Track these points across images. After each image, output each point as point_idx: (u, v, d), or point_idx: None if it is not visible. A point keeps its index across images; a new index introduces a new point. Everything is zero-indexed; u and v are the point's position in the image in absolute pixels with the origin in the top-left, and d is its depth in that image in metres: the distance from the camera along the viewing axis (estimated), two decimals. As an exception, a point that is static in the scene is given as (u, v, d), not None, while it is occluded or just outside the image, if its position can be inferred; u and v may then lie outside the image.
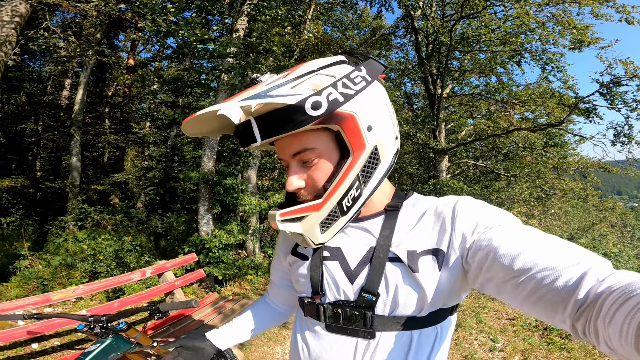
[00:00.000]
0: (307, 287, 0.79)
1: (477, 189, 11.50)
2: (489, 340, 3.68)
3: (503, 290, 0.59)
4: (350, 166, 0.68)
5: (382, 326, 0.70)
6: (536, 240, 0.58)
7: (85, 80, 8.51)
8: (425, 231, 0.71)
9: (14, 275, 5.20)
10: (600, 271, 0.49)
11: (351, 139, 0.67)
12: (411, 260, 0.68)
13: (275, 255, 0.99)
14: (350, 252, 0.76)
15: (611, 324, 0.42)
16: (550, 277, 0.51)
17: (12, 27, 4.43)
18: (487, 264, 0.60)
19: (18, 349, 3.19)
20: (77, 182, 9.26)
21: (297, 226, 0.70)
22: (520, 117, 10.37)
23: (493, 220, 0.66)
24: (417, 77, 11.53)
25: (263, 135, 0.63)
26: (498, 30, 7.78)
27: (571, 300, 0.48)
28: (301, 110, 0.61)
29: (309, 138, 0.68)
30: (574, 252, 0.54)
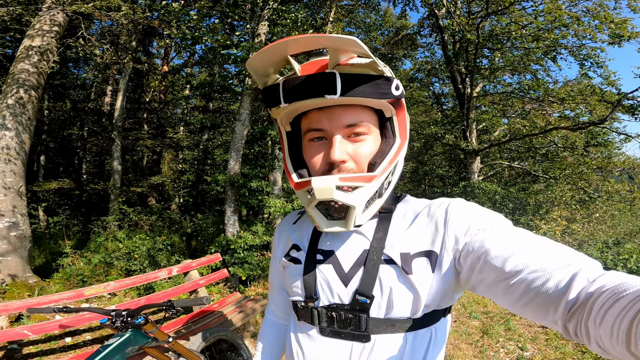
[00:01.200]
0: (300, 291, 0.79)
1: (513, 191, 11.00)
2: (517, 348, 3.51)
3: (495, 291, 0.60)
4: (399, 149, 0.73)
5: (377, 329, 0.69)
6: (527, 242, 0.59)
7: (124, 87, 9.00)
8: (418, 233, 0.72)
9: (56, 272, 5.56)
10: (590, 272, 0.49)
11: (400, 127, 0.73)
12: (405, 262, 0.68)
13: (272, 263, 0.99)
14: (344, 255, 0.76)
15: (602, 324, 0.42)
16: (542, 278, 0.52)
17: (51, 36, 4.78)
18: (479, 265, 0.61)
19: (52, 343, 3.42)
20: (118, 185, 9.80)
21: (350, 197, 0.66)
22: (559, 116, 9.82)
23: (485, 222, 0.66)
24: (445, 76, 11.22)
25: (344, 91, 0.63)
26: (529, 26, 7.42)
27: (562, 302, 0.49)
28: (389, 85, 0.67)
29: (365, 113, 0.70)
30: (564, 253, 0.54)
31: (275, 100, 0.67)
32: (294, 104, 0.67)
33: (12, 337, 2.54)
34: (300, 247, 0.84)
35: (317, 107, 0.69)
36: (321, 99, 0.64)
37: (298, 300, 0.79)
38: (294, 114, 0.74)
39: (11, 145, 4.89)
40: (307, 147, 0.73)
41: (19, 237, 4.88)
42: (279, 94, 0.66)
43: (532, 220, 8.59)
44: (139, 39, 8.78)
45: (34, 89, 5.04)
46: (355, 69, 0.64)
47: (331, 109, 0.68)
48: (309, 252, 0.80)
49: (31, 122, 5.15)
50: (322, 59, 0.69)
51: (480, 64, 9.08)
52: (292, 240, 0.87)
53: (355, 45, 0.58)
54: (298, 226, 0.90)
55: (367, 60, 0.65)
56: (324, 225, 0.70)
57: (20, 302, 2.62)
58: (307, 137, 0.72)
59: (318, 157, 0.71)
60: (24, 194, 5.18)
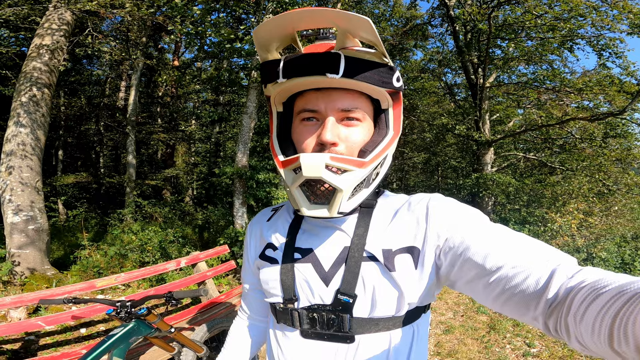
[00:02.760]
0: (278, 292, 0.75)
1: (528, 182, 10.77)
2: (524, 344, 3.47)
3: (475, 288, 0.59)
4: (390, 141, 0.71)
5: (361, 329, 0.68)
6: (506, 238, 0.59)
7: (136, 82, 9.14)
8: (399, 229, 0.70)
9: (74, 264, 5.73)
10: (568, 268, 0.49)
11: (395, 120, 0.72)
12: (387, 259, 0.67)
13: (245, 262, 0.93)
14: (323, 253, 0.73)
15: (582, 321, 0.42)
16: (521, 275, 0.52)
17: (60, 35, 4.87)
18: (460, 261, 0.61)
19: (67, 334, 3.55)
20: (133, 178, 9.99)
21: (339, 179, 0.63)
22: (577, 106, 9.51)
23: (465, 218, 0.66)
24: (457, 67, 10.98)
25: (347, 73, 0.61)
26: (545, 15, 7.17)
27: (543, 298, 0.49)
28: (391, 75, 0.66)
29: (362, 101, 0.69)
30: (542, 249, 0.55)
31: (273, 75, 0.66)
32: (292, 80, 0.65)
33: (27, 328, 2.64)
34: (276, 246, 0.80)
35: (315, 87, 0.67)
36: (321, 77, 0.62)
37: (276, 302, 0.76)
38: (289, 93, 0.71)
39: (27, 142, 5.03)
40: (298, 127, 0.70)
41: (37, 230, 5.05)
42: (278, 69, 0.65)
43: (547, 213, 8.40)
44: (149, 34, 8.87)
45: (46, 87, 5.17)
46: (360, 54, 0.63)
47: (329, 91, 0.67)
48: (285, 251, 0.76)
49: (45, 119, 5.29)
50: (328, 43, 0.68)
51: (493, 54, 8.84)
52: (266, 239, 0.83)
53: (368, 27, 0.57)
54: (272, 224, 0.85)
55: (372, 50, 0.65)
56: (306, 208, 0.66)
57: (34, 294, 2.72)
58: (299, 116, 0.70)
59: (309, 137, 0.68)
60: (41, 189, 5.34)
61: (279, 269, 0.75)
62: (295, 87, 0.68)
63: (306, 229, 0.78)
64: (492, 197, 10.05)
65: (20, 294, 2.81)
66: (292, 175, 0.67)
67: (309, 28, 0.63)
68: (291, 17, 0.58)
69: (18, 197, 4.95)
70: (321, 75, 0.62)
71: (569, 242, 7.32)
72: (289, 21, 0.59)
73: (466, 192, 10.93)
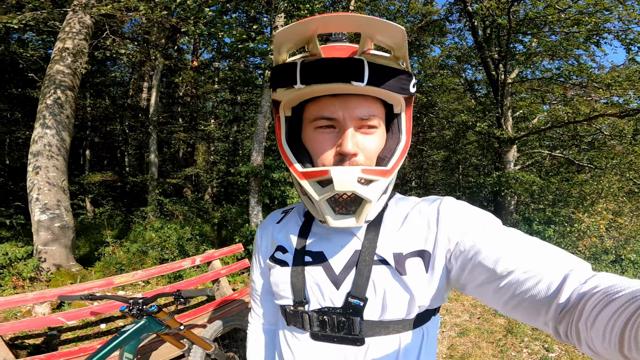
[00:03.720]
0: (289, 295, 0.75)
1: (554, 181, 10.39)
2: (543, 349, 3.35)
3: (485, 292, 0.59)
4: (405, 146, 0.70)
5: (371, 332, 0.68)
6: (518, 242, 0.58)
7: (157, 83, 9.38)
8: (410, 232, 0.70)
9: (98, 260, 5.95)
10: (581, 273, 0.49)
11: (408, 125, 0.72)
12: (398, 262, 0.67)
13: (255, 264, 0.93)
14: (334, 256, 0.73)
15: (594, 326, 0.42)
16: (533, 279, 0.51)
17: (81, 38, 5.05)
18: (470, 266, 0.60)
19: (88, 329, 3.68)
20: (156, 176, 10.28)
21: (368, 191, 0.62)
22: (605, 102, 9.10)
23: (477, 221, 0.66)
24: (477, 62, 10.69)
25: (371, 81, 0.60)
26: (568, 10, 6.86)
27: (554, 303, 0.48)
28: (408, 81, 0.66)
29: (377, 107, 0.68)
30: (555, 254, 0.54)
31: (288, 80, 0.63)
32: (312, 87, 0.62)
33: (48, 323, 2.75)
34: (287, 248, 0.80)
35: (332, 93, 0.65)
36: (344, 85, 0.60)
37: (287, 304, 0.76)
38: (301, 99, 0.69)
39: (52, 143, 5.25)
40: (313, 135, 0.68)
41: (62, 227, 5.27)
42: (294, 74, 0.61)
43: (574, 213, 8.09)
44: (168, 35, 9.09)
45: (69, 89, 5.37)
46: (381, 60, 0.62)
47: (347, 98, 0.65)
48: (296, 254, 0.76)
49: (70, 120, 5.49)
50: (343, 45, 0.65)
51: (515, 50, 8.55)
52: (276, 242, 0.83)
53: (400, 36, 0.55)
54: (282, 226, 0.85)
55: (387, 54, 0.63)
56: (333, 219, 0.65)
57: (56, 290, 2.83)
58: (313, 124, 0.68)
59: (327, 147, 0.66)
60: (67, 188, 5.56)
61: (289, 271, 0.76)
62: (311, 93, 0.66)
63: (317, 232, 0.78)
64: (515, 196, 9.76)
65: (43, 290, 2.93)
66: (319, 188, 0.65)
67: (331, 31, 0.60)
68: (319, 22, 0.55)
69: (45, 196, 5.17)
70: (345, 83, 0.60)
71: (596, 244, 7.03)
72: (314, 25, 0.56)
73: (487, 190, 10.65)
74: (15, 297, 2.60)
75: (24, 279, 4.62)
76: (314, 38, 0.58)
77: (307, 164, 0.69)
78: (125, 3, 4.26)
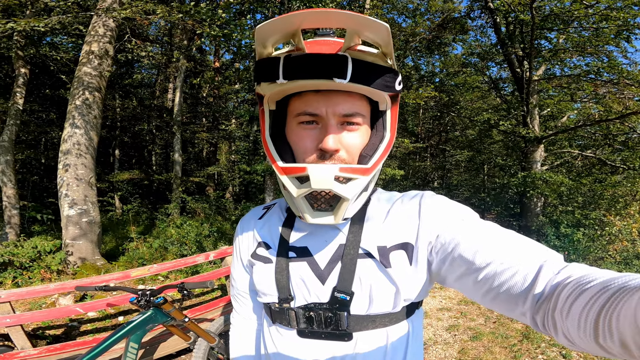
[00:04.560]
0: (273, 292, 0.74)
1: (585, 182, 9.91)
2: (560, 355, 3.22)
3: (464, 284, 0.60)
4: (389, 144, 0.70)
5: (359, 326, 0.68)
6: (495, 235, 0.59)
7: (180, 84, 9.65)
8: (393, 226, 0.71)
9: (122, 255, 6.21)
10: (554, 264, 0.50)
11: (392, 123, 0.71)
12: (382, 255, 0.68)
13: (235, 262, 0.88)
14: (319, 251, 0.72)
15: (569, 316, 0.43)
16: (509, 271, 0.52)
17: (106, 41, 5.30)
18: (450, 258, 0.61)
19: (107, 321, 3.84)
20: (179, 175, 10.58)
21: (345, 189, 0.62)
22: (639, 100, 8.61)
23: (456, 215, 0.67)
24: (501, 60, 10.35)
25: (354, 78, 0.59)
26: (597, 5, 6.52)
27: (530, 294, 0.50)
28: (393, 79, 0.65)
29: (361, 104, 0.67)
30: (529, 246, 0.56)
31: (271, 74, 0.62)
32: (294, 82, 0.61)
33: (66, 313, 2.89)
34: (270, 244, 0.78)
35: (315, 89, 0.64)
36: (326, 81, 0.59)
37: (271, 302, 0.75)
38: (285, 93, 0.68)
39: (81, 142, 5.51)
40: (296, 130, 0.68)
41: (89, 223, 5.53)
42: (277, 69, 0.60)
43: (605, 216, 7.72)
44: (190, 37, 9.33)
45: (97, 90, 5.62)
46: (366, 56, 0.61)
47: (330, 94, 0.64)
48: (279, 250, 0.75)
49: (97, 121, 5.75)
50: (330, 40, 0.65)
51: (540, 46, 8.22)
52: (258, 238, 0.81)
53: (385, 34, 0.55)
54: (265, 222, 0.83)
55: (375, 50, 0.63)
56: (310, 216, 0.65)
57: (75, 282, 2.98)
58: (297, 119, 0.67)
59: (309, 143, 0.66)
60: (94, 185, 5.82)
61: (273, 268, 0.74)
62: (294, 88, 0.65)
63: (300, 227, 0.77)
64: (542, 197, 9.39)
65: (63, 282, 3.09)
66: (297, 184, 0.65)
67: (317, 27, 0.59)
68: (301, 18, 0.54)
69: (73, 192, 5.44)
70: (327, 80, 0.59)
71: (628, 248, 6.67)
72: (298, 20, 0.55)
73: (513, 192, 10.30)
74: (38, 288, 2.76)
75: (51, 271, 4.88)
76: (299, 33, 0.58)
77: (289, 159, 0.68)
78: (143, 7, 4.42)
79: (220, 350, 2.46)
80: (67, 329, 3.62)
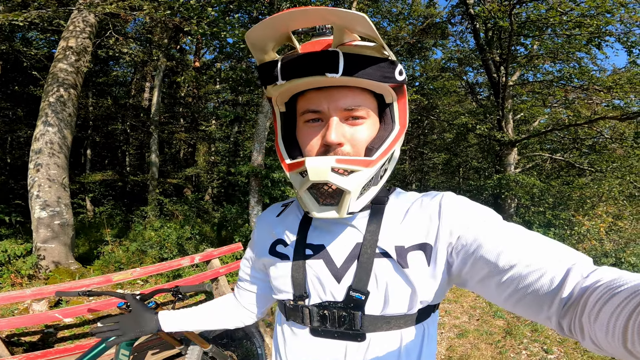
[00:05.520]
0: (289, 289, 0.74)
1: (554, 184, 10.39)
2: (542, 350, 3.34)
3: (486, 287, 0.59)
4: (397, 136, 0.70)
5: (373, 326, 0.67)
6: (520, 237, 0.58)
7: (159, 83, 9.40)
8: (412, 226, 0.69)
9: (97, 259, 5.95)
10: (583, 267, 0.49)
11: (401, 114, 0.71)
12: (400, 255, 0.67)
13: (248, 255, 0.93)
14: (335, 249, 0.72)
15: (597, 321, 0.42)
16: (535, 274, 0.51)
17: (85, 37, 5.09)
18: (472, 259, 0.60)
19: (85, 327, 3.68)
20: (156, 176, 10.29)
21: (346, 181, 0.62)
22: (606, 105, 9.11)
23: (478, 216, 0.65)
24: (478, 65, 10.71)
25: (346, 71, 0.60)
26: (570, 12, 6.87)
27: (557, 297, 0.48)
28: (393, 69, 0.65)
29: (365, 97, 0.67)
30: (557, 248, 0.54)
31: (272, 77, 0.65)
32: (292, 82, 0.63)
33: (45, 320, 2.74)
34: (287, 242, 0.79)
35: (316, 86, 0.66)
36: (321, 77, 0.61)
37: (286, 299, 0.75)
38: (290, 94, 0.70)
39: (54, 140, 5.26)
40: (302, 129, 0.69)
41: (62, 225, 5.27)
42: (276, 71, 0.63)
43: (574, 217, 8.09)
44: (170, 36, 9.12)
45: (72, 87, 5.38)
46: (359, 50, 0.62)
47: (330, 90, 0.65)
48: (296, 248, 0.75)
49: (72, 119, 5.51)
50: (325, 39, 0.66)
51: (516, 52, 8.57)
52: (276, 235, 0.82)
53: (364, 23, 0.55)
54: (282, 219, 0.84)
55: (372, 44, 0.63)
56: (316, 211, 0.66)
57: (53, 287, 2.81)
58: (303, 118, 0.69)
59: (313, 139, 0.67)
60: (67, 186, 5.56)
61: (290, 265, 0.75)
62: (295, 87, 0.67)
63: (317, 225, 0.77)
64: (515, 198, 9.76)
65: (40, 287, 2.92)
66: (300, 179, 0.66)
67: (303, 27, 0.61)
68: (283, 18, 0.56)
69: (45, 193, 5.18)
70: (320, 75, 0.61)
71: (596, 247, 7.03)
72: (282, 22, 0.57)
73: (488, 193, 10.64)
74: (13, 293, 2.59)
75: (22, 276, 4.62)
76: (290, 34, 0.60)
77: (298, 157, 0.69)
78: (130, 2, 4.28)
79: (214, 355, 2.40)
80: (44, 335, 3.43)
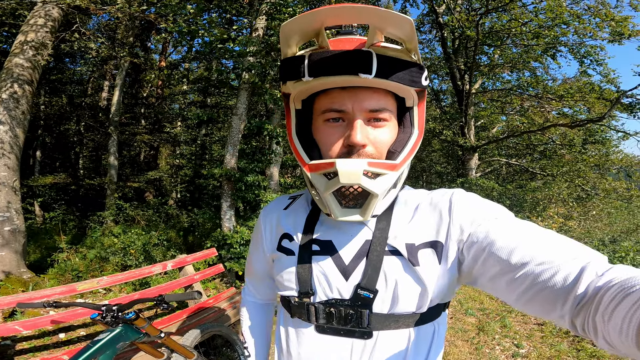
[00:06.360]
0: (293, 285, 0.73)
1: (510, 188, 11.02)
2: (513, 345, 3.51)
3: (498, 284, 0.58)
4: (417, 141, 0.69)
5: (380, 325, 0.65)
6: (533, 234, 0.57)
7: (121, 82, 8.93)
8: (422, 223, 0.69)
9: (51, 267, 5.52)
10: (598, 266, 0.48)
11: (420, 119, 0.71)
12: (410, 253, 0.65)
13: (254, 250, 0.91)
14: (344, 246, 0.70)
15: (611, 320, 0.41)
16: (549, 271, 0.50)
17: (46, 31, 4.72)
18: (484, 257, 0.59)
19: (45, 339, 3.39)
20: (115, 180, 9.72)
21: (375, 184, 0.61)
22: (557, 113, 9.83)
23: (490, 213, 0.64)
24: (444, 73, 11.20)
25: (379, 73, 0.59)
26: (530, 23, 7.39)
27: (571, 296, 0.47)
28: (420, 74, 0.65)
29: (387, 100, 0.67)
30: (571, 246, 0.53)
31: (296, 73, 0.63)
32: (319, 79, 0.62)
33: (3, 332, 2.51)
34: (293, 236, 0.77)
35: (341, 85, 0.64)
36: (352, 77, 0.60)
37: (291, 295, 0.73)
38: (311, 91, 0.68)
39: (5, 140, 4.83)
40: (322, 128, 0.68)
41: (13, 231, 4.84)
42: (302, 67, 0.61)
43: (528, 217, 8.60)
44: (136, 34, 8.71)
45: (28, 84, 4.98)
46: (390, 52, 0.61)
47: (356, 90, 0.64)
48: (303, 243, 0.73)
49: (25, 117, 5.09)
50: (355, 38, 0.64)
51: (480, 61, 9.06)
52: (282, 229, 0.80)
53: (408, 27, 0.55)
54: (289, 213, 0.82)
55: (399, 46, 0.63)
56: (339, 213, 0.64)
57: (12, 298, 2.59)
58: (323, 116, 0.67)
59: (335, 139, 0.66)
60: (18, 189, 5.14)
61: (295, 260, 0.73)
62: (320, 85, 0.65)
63: (325, 220, 0.75)
64: (477, 201, 10.24)
65: (-3, 298, 2.66)
66: (324, 181, 0.64)
67: (340, 24, 0.60)
68: (326, 14, 0.55)
69: (-6, 198, 4.73)
70: (353, 75, 0.59)
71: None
72: (320, 17, 0.56)
73: (451, 196, 11.05)
74: (-34, 307, 2.34)
75: (-32, 288, 4.18)
76: (322, 30, 0.59)
77: (316, 157, 0.68)
78: (103, -5, 4.04)
79: (199, 365, 2.29)
80: (1, 347, 3.12)
